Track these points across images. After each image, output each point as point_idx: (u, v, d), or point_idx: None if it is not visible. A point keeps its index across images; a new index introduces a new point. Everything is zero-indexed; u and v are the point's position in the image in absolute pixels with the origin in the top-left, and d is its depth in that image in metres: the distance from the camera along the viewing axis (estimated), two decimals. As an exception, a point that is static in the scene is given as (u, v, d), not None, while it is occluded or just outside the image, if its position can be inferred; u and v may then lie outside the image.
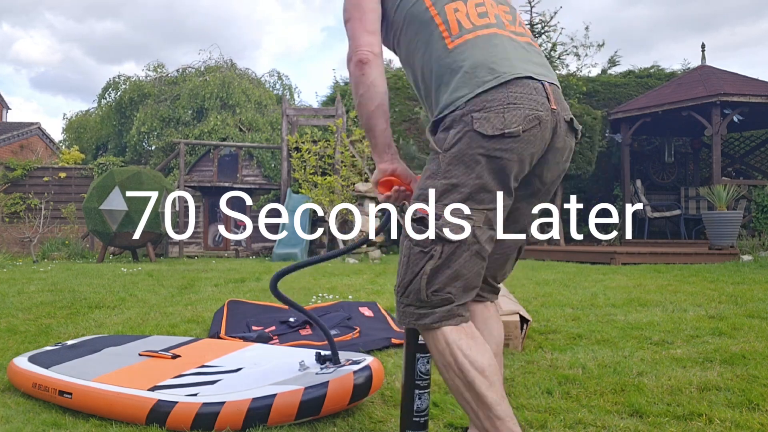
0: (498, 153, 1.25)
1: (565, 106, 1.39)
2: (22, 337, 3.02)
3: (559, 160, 1.40)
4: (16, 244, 11.61)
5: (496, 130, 1.24)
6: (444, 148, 1.28)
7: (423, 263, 1.27)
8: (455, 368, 1.26)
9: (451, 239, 1.25)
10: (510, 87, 1.27)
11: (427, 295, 1.27)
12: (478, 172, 1.25)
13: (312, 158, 10.03)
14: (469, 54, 1.31)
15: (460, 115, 1.27)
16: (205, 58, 15.71)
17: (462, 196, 1.26)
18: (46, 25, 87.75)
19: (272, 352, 2.31)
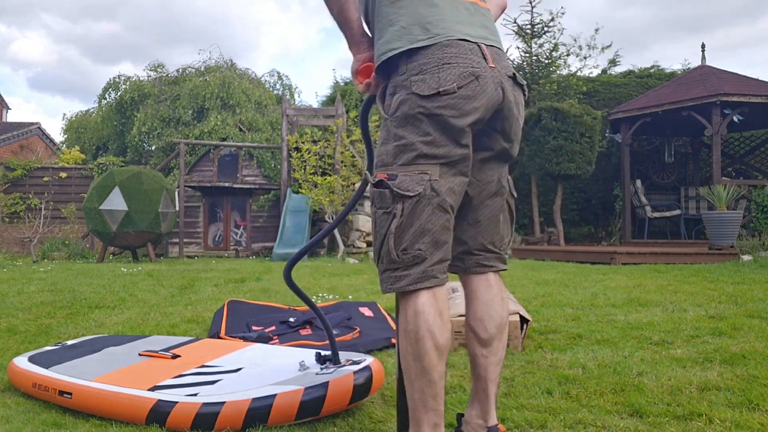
0: (437, 110, 1.30)
1: (505, 65, 1.42)
2: (22, 337, 3.02)
3: (516, 113, 1.44)
4: (16, 244, 11.61)
5: (431, 89, 1.30)
6: (390, 113, 1.35)
7: (388, 224, 1.32)
8: (413, 336, 1.31)
9: (409, 195, 1.30)
10: (444, 48, 1.32)
11: (397, 255, 1.31)
12: (423, 130, 1.31)
13: (312, 158, 10.03)
14: (407, 10, 1.36)
15: (401, 81, 1.34)
16: (205, 58, 15.72)
17: (413, 153, 1.32)
18: (41, 25, 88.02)
19: (272, 352, 2.31)
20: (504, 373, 2.29)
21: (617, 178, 10.84)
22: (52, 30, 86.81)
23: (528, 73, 10.99)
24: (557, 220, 9.48)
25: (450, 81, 1.30)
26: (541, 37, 10.85)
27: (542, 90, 10.48)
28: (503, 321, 1.52)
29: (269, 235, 11.22)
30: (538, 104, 9.55)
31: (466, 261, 1.53)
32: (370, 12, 1.44)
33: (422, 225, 1.31)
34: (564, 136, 8.95)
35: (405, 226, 1.31)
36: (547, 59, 10.93)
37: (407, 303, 1.33)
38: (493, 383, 1.50)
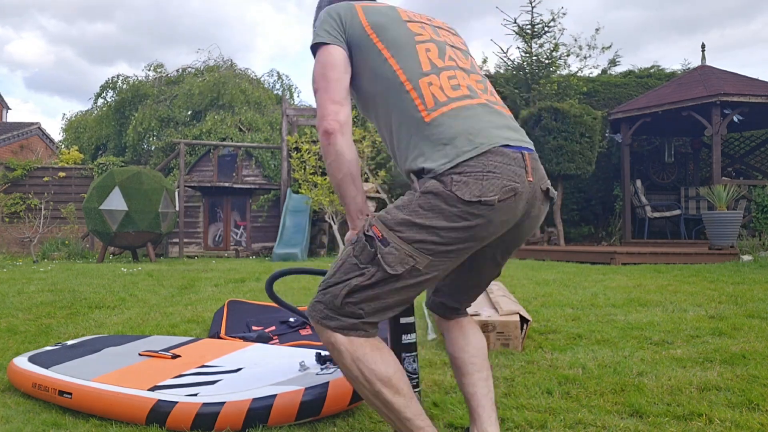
0: (469, 216, 1.29)
1: (541, 176, 1.44)
2: (22, 337, 3.02)
3: (534, 225, 1.47)
4: (16, 244, 11.61)
5: (473, 196, 1.28)
6: (422, 190, 1.32)
7: (352, 276, 1.32)
8: (362, 380, 1.32)
9: (387, 270, 1.29)
10: (489, 156, 1.31)
11: (341, 303, 1.32)
12: (441, 224, 1.29)
13: (312, 158, 10.03)
14: (446, 126, 1.35)
15: (442, 174, 1.31)
16: (205, 58, 15.73)
17: (417, 236, 1.29)
18: (37, 26, 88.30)
19: (272, 352, 2.31)
20: (504, 373, 2.30)
21: (617, 178, 10.85)
22: (48, 31, 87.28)
23: (528, 73, 10.99)
24: (557, 220, 9.48)
25: (493, 193, 1.29)
26: (541, 37, 10.85)
27: (542, 90, 10.48)
28: (482, 343, 1.61)
29: (269, 235, 11.22)
30: (538, 104, 9.55)
31: (440, 309, 1.64)
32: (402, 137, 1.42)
33: (379, 296, 1.32)
34: (564, 136, 8.95)
35: (364, 289, 1.31)
36: (547, 59, 10.93)
37: (340, 346, 1.33)
38: (486, 398, 1.52)
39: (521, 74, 11.21)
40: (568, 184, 10.37)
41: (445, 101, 1.38)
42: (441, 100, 1.38)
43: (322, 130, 1.42)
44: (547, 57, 10.92)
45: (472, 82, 1.46)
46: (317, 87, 1.46)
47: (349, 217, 1.48)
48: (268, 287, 1.72)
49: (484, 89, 1.48)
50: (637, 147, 10.99)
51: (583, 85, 10.93)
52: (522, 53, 11.07)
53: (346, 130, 1.43)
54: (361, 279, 1.30)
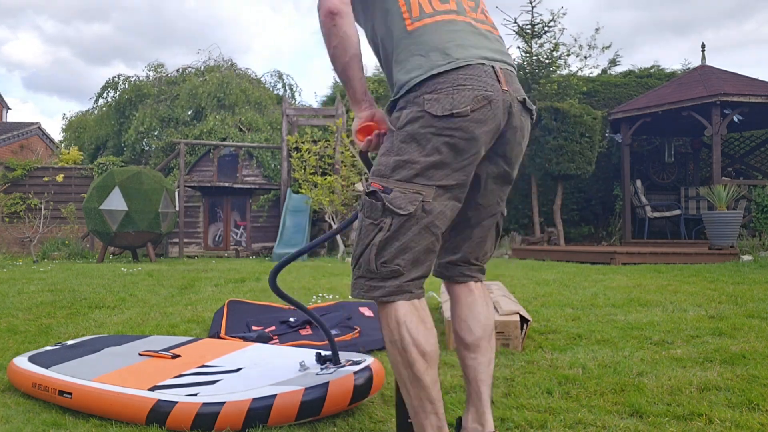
0: (447, 132, 1.29)
1: (517, 87, 1.43)
2: (22, 337, 3.02)
3: (519, 139, 1.45)
4: (16, 244, 11.61)
5: (445, 110, 1.29)
6: (398, 126, 1.33)
7: (373, 235, 1.32)
8: (399, 346, 1.33)
9: (400, 212, 1.29)
10: (460, 70, 1.32)
11: (376, 266, 1.32)
12: (428, 150, 1.30)
13: (312, 158, 10.03)
14: (426, 38, 1.35)
15: (413, 97, 1.32)
16: (205, 58, 15.69)
17: (412, 171, 1.31)
18: (34, 27, 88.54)
19: (272, 352, 2.31)
20: (504, 373, 2.29)
21: (617, 178, 10.84)
22: (44, 31, 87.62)
23: (528, 73, 10.99)
24: (557, 220, 9.48)
25: (464, 103, 1.29)
26: (541, 37, 10.85)
27: (542, 90, 10.48)
28: (488, 322, 1.55)
29: (269, 235, 11.21)
30: (538, 104, 9.55)
31: (450, 270, 1.58)
32: (386, 43, 1.43)
33: (406, 243, 1.31)
34: (564, 136, 8.95)
35: (389, 241, 1.31)
36: (547, 59, 10.93)
37: (388, 313, 1.34)
38: (484, 384, 1.51)
39: (521, 74, 11.20)
40: (568, 184, 10.37)
41: (430, 13, 1.38)
42: (426, 11, 1.38)
43: (325, 10, 1.36)
44: (547, 57, 10.92)
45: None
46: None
47: (355, 101, 1.45)
48: (272, 283, 1.70)
49: (474, 7, 1.46)
50: (637, 147, 10.99)
51: (583, 85, 10.93)
52: (522, 53, 11.07)
53: (350, 11, 1.39)
54: (382, 234, 1.31)
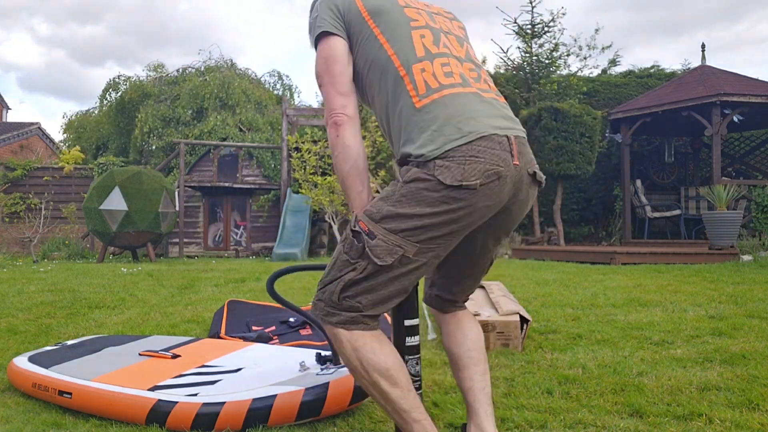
0: (451, 201, 1.30)
1: (529, 159, 1.43)
2: (22, 337, 3.02)
3: (523, 209, 1.48)
4: (16, 244, 11.61)
5: (455, 180, 1.29)
6: (404, 179, 1.34)
7: (345, 271, 1.35)
8: (360, 371, 1.36)
9: (376, 261, 1.31)
10: (475, 142, 1.32)
11: (338, 299, 1.35)
12: (426, 212, 1.31)
13: (312, 158, 10.03)
14: (436, 113, 1.36)
15: (424, 160, 1.33)
16: (205, 58, 15.70)
17: (402, 225, 1.31)
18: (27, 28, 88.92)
19: (272, 352, 2.31)
20: (504, 373, 2.30)
21: (617, 178, 10.84)
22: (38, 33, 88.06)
23: (528, 73, 10.99)
24: (557, 220, 9.48)
25: (474, 176, 1.30)
26: (541, 37, 10.85)
27: (542, 90, 10.48)
28: (478, 336, 1.62)
29: (269, 235, 11.22)
30: (538, 104, 9.55)
31: (437, 302, 1.65)
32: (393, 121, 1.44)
33: (373, 286, 1.34)
34: (564, 136, 8.95)
35: (359, 282, 1.34)
36: (547, 59, 10.93)
37: (341, 339, 1.36)
38: (482, 393, 1.53)
39: (521, 74, 11.20)
40: (568, 184, 10.37)
41: (436, 88, 1.39)
42: (433, 86, 1.39)
43: (330, 122, 1.43)
44: (547, 57, 10.92)
45: (465, 71, 1.46)
46: (323, 81, 1.47)
47: (353, 209, 1.47)
48: (270, 286, 1.72)
49: (477, 77, 1.47)
50: (637, 147, 10.99)
51: (583, 85, 10.93)
52: (522, 53, 11.07)
53: (354, 123, 1.44)
54: (353, 274, 1.33)
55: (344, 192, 1.46)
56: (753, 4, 37.55)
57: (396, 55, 1.43)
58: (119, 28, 66.18)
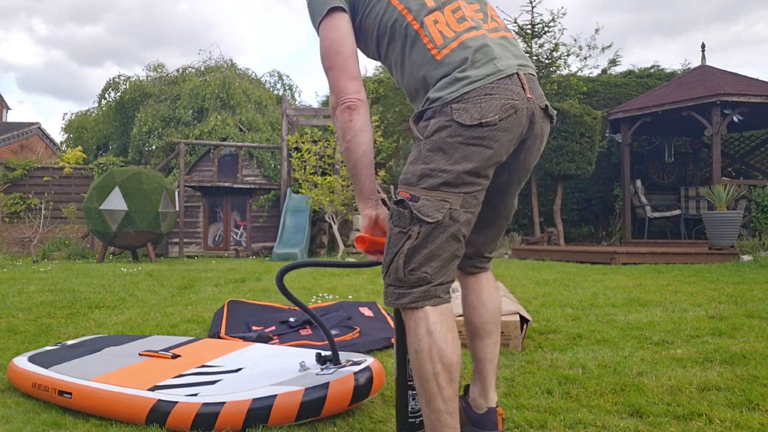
0: (476, 141, 1.32)
1: (539, 94, 1.45)
2: (22, 337, 3.02)
3: (539, 144, 1.49)
4: (16, 244, 11.61)
5: (474, 119, 1.30)
6: (425, 135, 1.35)
7: (401, 243, 1.33)
8: (426, 356, 1.31)
9: (427, 220, 1.31)
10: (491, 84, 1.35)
11: (404, 274, 1.33)
12: (456, 159, 1.32)
13: (312, 158, 10.03)
14: (456, 61, 1.37)
15: (440, 106, 1.34)
16: (205, 58, 15.70)
17: (439, 180, 1.32)
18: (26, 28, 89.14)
19: (272, 352, 2.31)
20: (504, 373, 2.30)
21: (617, 178, 10.84)
22: (37, 33, 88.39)
23: (528, 73, 10.97)
24: (557, 220, 9.47)
25: (492, 113, 1.31)
26: (541, 37, 10.85)
27: (542, 90, 10.48)
28: (495, 307, 1.63)
29: (269, 235, 11.21)
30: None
31: (462, 262, 1.61)
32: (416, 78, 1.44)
33: (433, 250, 1.33)
34: (564, 136, 8.95)
35: (417, 249, 1.32)
36: (547, 59, 10.93)
37: (416, 321, 1.33)
38: (490, 363, 1.60)
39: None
40: (568, 184, 10.37)
41: (452, 37, 1.39)
42: (449, 36, 1.39)
43: (343, 106, 1.41)
44: (547, 57, 10.92)
45: (472, 13, 1.46)
46: (332, 64, 1.44)
47: (361, 197, 1.47)
48: (279, 280, 1.69)
49: (485, 17, 1.48)
50: (637, 147, 10.99)
51: (583, 85, 10.93)
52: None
53: (366, 108, 1.43)
54: (410, 242, 1.32)
55: (353, 177, 1.45)
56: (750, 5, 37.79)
57: (407, 10, 1.43)
58: (118, 29, 66.36)
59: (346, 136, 1.41)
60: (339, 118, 1.42)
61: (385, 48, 1.49)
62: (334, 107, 1.43)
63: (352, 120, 1.40)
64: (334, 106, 1.43)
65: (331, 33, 1.44)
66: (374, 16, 1.46)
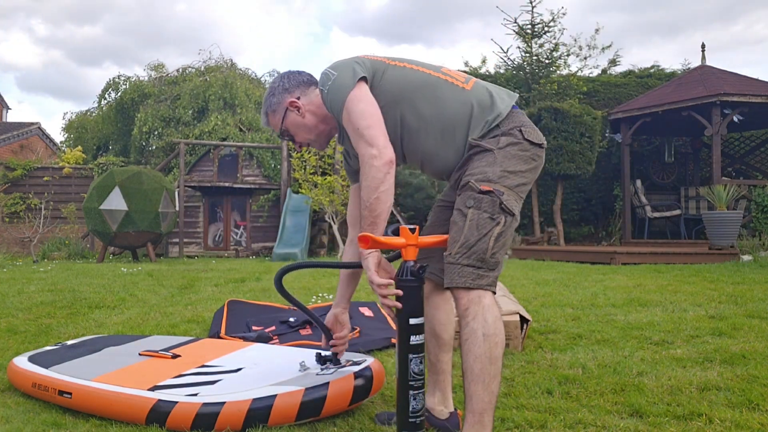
0: (536, 157, 1.60)
1: None
2: (22, 337, 3.02)
3: None
4: (16, 244, 11.60)
5: (539, 140, 1.60)
6: (498, 147, 1.56)
7: (491, 227, 1.49)
8: (494, 340, 1.45)
9: (513, 212, 1.52)
10: (517, 114, 1.63)
11: (490, 255, 1.49)
12: (525, 168, 1.57)
13: (312, 158, 10.03)
14: (482, 90, 1.63)
15: (506, 130, 1.57)
16: (205, 58, 15.68)
17: (515, 181, 1.54)
18: (25, 28, 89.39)
19: (272, 352, 2.31)
20: (504, 373, 2.29)
21: (617, 178, 10.84)
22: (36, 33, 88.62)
23: (528, 73, 10.99)
24: (557, 220, 9.47)
25: (542, 138, 1.62)
26: (541, 37, 10.85)
27: (542, 90, 10.48)
28: (452, 322, 1.82)
29: (269, 235, 11.21)
30: (538, 104, 9.54)
31: (440, 276, 1.71)
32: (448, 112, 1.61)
33: (506, 240, 1.53)
34: (564, 136, 8.95)
35: (501, 236, 1.50)
36: (547, 59, 10.93)
37: (485, 305, 1.46)
38: (450, 374, 1.82)
39: (521, 74, 11.20)
40: (568, 184, 10.37)
41: (464, 80, 1.66)
42: (461, 79, 1.66)
43: (386, 160, 1.52)
44: (547, 57, 10.92)
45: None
46: (370, 123, 1.55)
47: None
48: (278, 282, 1.71)
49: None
50: (637, 147, 10.99)
51: (583, 85, 10.93)
52: (522, 53, 11.07)
53: None
54: (499, 228, 1.50)
55: (370, 225, 1.53)
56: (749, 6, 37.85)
57: (422, 68, 1.67)
58: (116, 29, 66.46)
59: (381, 187, 1.51)
60: (379, 169, 1.51)
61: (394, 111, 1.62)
62: (373, 157, 1.51)
63: (389, 174, 1.52)
64: (373, 156, 1.52)
65: (365, 97, 1.58)
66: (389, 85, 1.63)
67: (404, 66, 1.67)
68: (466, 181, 1.55)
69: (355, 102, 1.56)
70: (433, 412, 1.78)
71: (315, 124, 1.77)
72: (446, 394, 1.79)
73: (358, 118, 1.55)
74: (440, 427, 1.75)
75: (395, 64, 1.67)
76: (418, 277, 1.51)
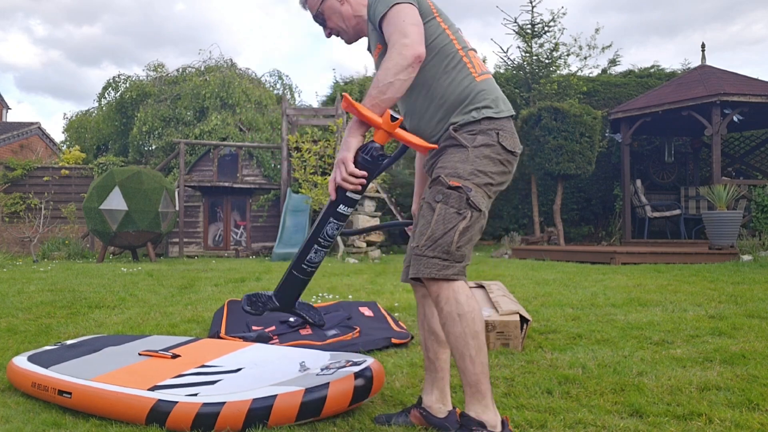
0: (506, 163, 1.67)
1: None
2: (22, 337, 3.02)
3: None
4: (16, 243, 11.60)
5: (513, 147, 1.67)
6: (473, 145, 1.62)
7: (456, 222, 1.56)
8: (470, 317, 1.54)
9: (479, 208, 1.58)
10: (510, 120, 1.71)
11: (456, 248, 1.55)
12: (495, 170, 1.63)
13: (312, 158, 10.03)
14: (489, 88, 1.70)
15: (485, 129, 1.64)
16: (205, 58, 15.66)
17: (485, 180, 1.61)
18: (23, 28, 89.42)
19: (272, 353, 2.31)
20: (504, 373, 2.30)
21: (617, 178, 10.84)
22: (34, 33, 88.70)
23: (528, 73, 10.99)
24: (557, 220, 9.47)
25: (519, 148, 1.70)
26: (541, 37, 10.85)
27: (542, 90, 10.48)
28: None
29: (269, 234, 11.21)
30: (538, 104, 9.54)
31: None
32: (453, 90, 1.67)
33: (473, 235, 1.60)
34: (564, 135, 8.94)
35: (466, 231, 1.57)
36: (547, 59, 10.93)
37: (455, 290, 1.55)
38: (448, 372, 1.85)
39: (521, 74, 11.20)
40: (568, 184, 10.37)
41: (482, 72, 1.72)
42: (479, 69, 1.72)
43: (417, 54, 1.55)
44: (547, 57, 10.92)
45: (480, 62, 1.78)
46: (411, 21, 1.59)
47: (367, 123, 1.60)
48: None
49: (484, 65, 1.80)
50: (637, 147, 10.99)
51: (583, 85, 10.93)
52: (522, 53, 11.07)
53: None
54: (465, 222, 1.57)
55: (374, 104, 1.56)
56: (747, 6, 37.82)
57: (456, 41, 1.72)
58: (115, 29, 66.44)
59: (400, 74, 1.55)
60: (405, 57, 1.54)
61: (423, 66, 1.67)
62: (405, 46, 1.55)
63: (412, 68, 1.56)
64: (405, 44, 1.55)
65: (412, 11, 1.62)
66: (428, 32, 1.67)
67: (444, 29, 1.71)
68: (437, 175, 1.63)
69: (402, 10, 1.60)
70: (432, 410, 1.78)
71: (350, 16, 1.80)
72: (444, 392, 1.81)
73: (401, 18, 1.59)
74: (439, 425, 1.74)
75: (440, 21, 1.71)
76: (375, 160, 1.60)
